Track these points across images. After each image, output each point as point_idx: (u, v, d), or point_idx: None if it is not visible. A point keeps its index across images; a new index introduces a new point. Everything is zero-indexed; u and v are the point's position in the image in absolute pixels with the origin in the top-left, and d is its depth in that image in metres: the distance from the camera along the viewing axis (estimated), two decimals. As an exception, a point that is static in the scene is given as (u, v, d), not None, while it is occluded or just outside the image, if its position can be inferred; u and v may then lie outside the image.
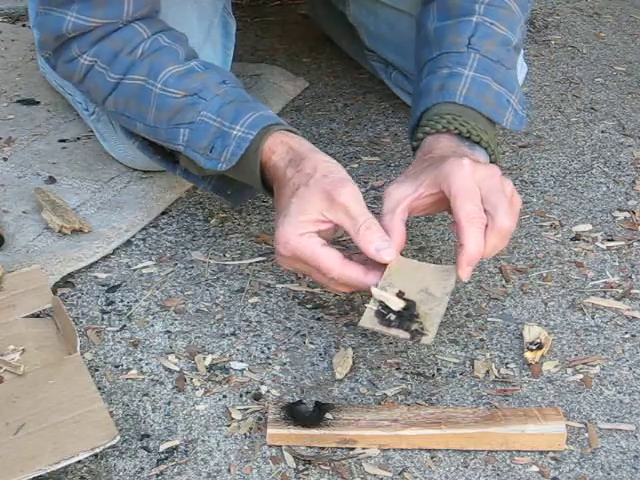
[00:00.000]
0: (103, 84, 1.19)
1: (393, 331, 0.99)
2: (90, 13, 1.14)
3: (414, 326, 0.98)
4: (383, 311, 0.99)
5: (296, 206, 1.02)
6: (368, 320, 0.99)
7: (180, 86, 1.14)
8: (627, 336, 1.16)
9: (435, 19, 1.27)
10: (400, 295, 1.01)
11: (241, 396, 1.06)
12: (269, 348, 1.13)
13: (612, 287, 1.24)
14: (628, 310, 1.20)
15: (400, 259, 1.04)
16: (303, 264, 1.04)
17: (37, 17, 1.22)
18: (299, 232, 1.01)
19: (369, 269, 1.03)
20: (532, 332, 1.14)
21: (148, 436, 1.02)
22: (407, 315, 0.99)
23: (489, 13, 1.24)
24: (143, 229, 1.34)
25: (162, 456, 0.99)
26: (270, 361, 1.11)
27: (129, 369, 1.10)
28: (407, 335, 0.98)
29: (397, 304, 0.99)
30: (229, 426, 1.03)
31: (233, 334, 1.15)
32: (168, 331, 1.16)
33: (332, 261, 1.01)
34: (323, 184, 1.01)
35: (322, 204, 1.01)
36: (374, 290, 1.00)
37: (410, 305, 1.00)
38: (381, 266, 1.03)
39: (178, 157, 1.23)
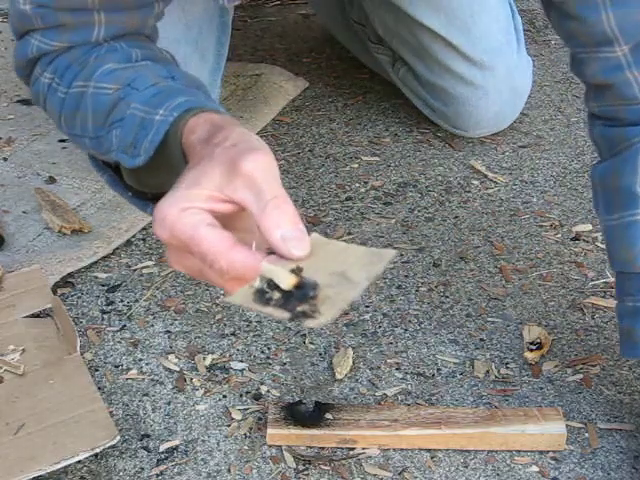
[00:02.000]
0: (55, 102, 1.00)
1: (269, 309, 0.74)
2: (54, 37, 0.99)
3: (302, 307, 0.74)
4: (267, 289, 0.74)
5: (189, 179, 0.75)
6: (241, 296, 0.74)
7: (112, 79, 0.93)
8: (627, 336, 1.16)
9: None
10: (296, 272, 0.75)
11: (241, 396, 1.06)
12: (269, 348, 1.13)
13: (612, 287, 1.24)
14: (628, 310, 1.20)
15: (320, 239, 0.77)
16: (187, 254, 0.76)
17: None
18: (182, 206, 0.74)
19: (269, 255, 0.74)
20: (532, 332, 1.14)
21: (148, 436, 1.02)
22: (297, 295, 0.74)
23: None
24: (143, 229, 1.34)
25: (162, 456, 0.99)
26: (270, 361, 1.11)
27: (129, 369, 1.10)
28: (286, 315, 0.73)
29: (287, 281, 0.74)
30: (229, 426, 1.03)
31: (233, 334, 1.15)
32: (168, 331, 1.16)
33: (218, 243, 0.72)
34: (229, 153, 0.75)
35: (222, 178, 0.74)
36: (264, 264, 0.73)
37: (306, 284, 0.75)
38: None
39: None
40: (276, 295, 0.75)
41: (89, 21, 0.95)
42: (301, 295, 0.76)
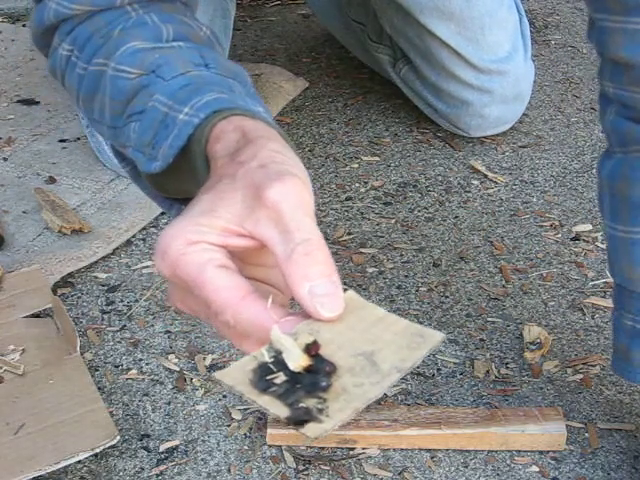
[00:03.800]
0: (74, 80, 0.87)
1: (265, 400, 0.57)
2: None
3: (308, 402, 0.57)
4: (272, 366, 0.58)
5: (203, 203, 0.62)
6: (237, 374, 0.58)
7: (135, 62, 0.79)
8: (627, 336, 1.16)
9: None
10: (312, 348, 0.59)
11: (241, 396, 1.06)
12: (269, 348, 1.13)
13: (612, 287, 1.24)
14: (628, 310, 1.20)
15: (357, 300, 0.61)
16: (189, 294, 0.62)
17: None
18: (189, 238, 0.60)
19: (289, 313, 0.60)
20: (532, 332, 1.14)
21: (148, 436, 1.02)
22: (306, 382, 0.58)
23: None
24: (143, 229, 1.34)
25: (162, 456, 0.99)
26: (270, 361, 1.11)
27: (129, 369, 1.10)
28: (284, 412, 0.56)
29: (296, 361, 0.58)
30: (229, 426, 1.03)
31: (233, 334, 1.15)
32: (168, 331, 1.16)
33: (226, 292, 0.59)
34: (254, 177, 0.61)
35: (243, 207, 0.60)
36: (274, 331, 0.58)
37: (320, 368, 0.58)
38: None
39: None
40: (280, 378, 0.58)
41: None
42: (311, 384, 0.59)
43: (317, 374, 0.58)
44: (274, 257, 0.59)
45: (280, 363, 0.58)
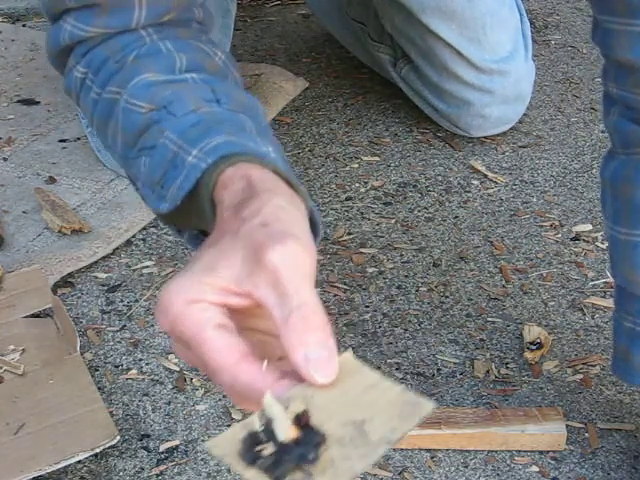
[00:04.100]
0: (89, 103, 0.88)
1: (252, 474, 0.58)
2: (89, 21, 0.86)
3: (294, 476, 0.58)
4: (262, 436, 0.59)
5: (205, 261, 0.63)
6: (226, 444, 0.59)
7: (147, 96, 0.81)
8: (627, 336, 1.16)
9: None
10: (301, 418, 0.60)
11: (241, 396, 1.06)
12: (269, 348, 1.13)
13: (612, 287, 1.24)
14: (628, 310, 1.20)
15: (352, 363, 0.63)
16: (189, 350, 0.63)
17: None
18: (190, 297, 0.61)
19: (284, 373, 0.61)
20: (532, 332, 1.14)
21: (148, 436, 1.02)
22: (293, 454, 0.58)
23: None
24: (143, 229, 1.34)
25: (162, 456, 0.99)
26: (270, 361, 1.11)
27: (129, 369, 1.10)
28: None
29: (285, 432, 0.59)
30: (229, 426, 1.03)
31: (233, 334, 1.15)
32: (168, 331, 1.16)
33: (222, 354, 0.60)
34: (255, 237, 0.62)
35: (242, 267, 0.61)
36: (267, 397, 0.59)
37: (308, 440, 0.59)
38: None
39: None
40: (269, 449, 0.58)
41: (128, 0, 0.83)
42: (298, 456, 0.59)
43: (306, 445, 0.58)
44: (271, 317, 0.60)
45: (270, 432, 0.58)
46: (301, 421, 0.59)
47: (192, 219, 0.78)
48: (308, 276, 0.61)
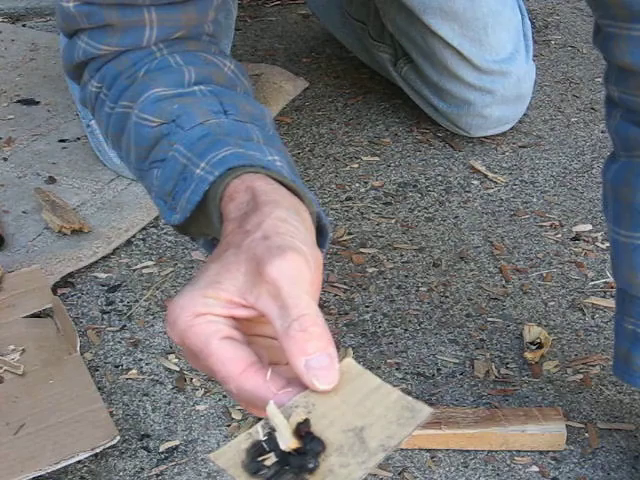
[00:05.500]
0: (104, 116, 0.91)
1: None
2: (101, 40, 0.89)
3: None
4: (265, 445, 0.61)
5: (210, 275, 0.66)
6: (230, 455, 0.61)
7: (156, 111, 0.84)
8: (627, 336, 1.16)
9: None
10: (303, 427, 0.61)
11: (241, 396, 1.06)
12: (269, 348, 1.13)
13: (612, 287, 1.24)
14: (628, 310, 1.20)
15: (354, 368, 0.64)
16: (198, 360, 0.66)
17: None
18: (196, 310, 0.65)
19: (289, 380, 0.64)
20: (532, 332, 1.14)
21: (148, 436, 1.02)
22: (294, 464, 0.60)
23: None
24: (143, 229, 1.34)
25: (162, 456, 0.99)
26: (270, 361, 1.11)
27: (129, 369, 1.10)
28: None
29: (286, 442, 0.61)
30: (229, 426, 1.03)
31: (233, 334, 1.15)
32: (168, 331, 1.16)
33: (228, 364, 0.63)
34: (257, 250, 0.65)
35: (245, 280, 0.65)
36: (270, 407, 0.61)
37: (309, 449, 0.61)
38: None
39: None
40: (271, 459, 0.60)
41: (139, 21, 0.86)
42: (299, 466, 0.61)
43: (306, 455, 0.60)
44: (273, 328, 0.63)
45: (273, 441, 0.60)
46: (301, 431, 0.61)
47: (203, 229, 0.81)
48: (307, 287, 0.63)
